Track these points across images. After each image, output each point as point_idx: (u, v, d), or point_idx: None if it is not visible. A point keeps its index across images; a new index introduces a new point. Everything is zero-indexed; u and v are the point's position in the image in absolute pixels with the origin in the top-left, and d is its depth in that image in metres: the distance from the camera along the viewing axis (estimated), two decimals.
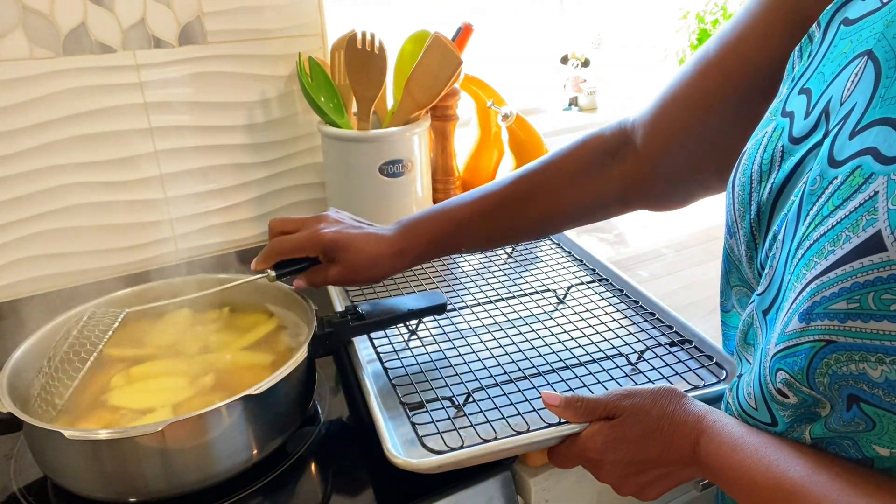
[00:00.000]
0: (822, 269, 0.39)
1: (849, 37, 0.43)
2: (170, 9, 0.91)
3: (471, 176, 1.17)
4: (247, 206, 1.05)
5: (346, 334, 0.66)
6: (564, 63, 1.39)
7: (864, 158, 0.38)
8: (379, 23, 0.98)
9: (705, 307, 0.83)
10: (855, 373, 0.38)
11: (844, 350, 0.38)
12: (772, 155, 0.46)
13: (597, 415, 0.53)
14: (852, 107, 0.40)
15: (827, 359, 0.39)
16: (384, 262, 0.67)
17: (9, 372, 0.57)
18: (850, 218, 0.38)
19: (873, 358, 0.37)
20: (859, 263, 0.37)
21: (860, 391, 0.38)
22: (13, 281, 0.92)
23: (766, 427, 0.46)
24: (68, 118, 0.89)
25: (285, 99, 1.02)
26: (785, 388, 0.42)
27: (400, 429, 0.58)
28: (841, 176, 0.39)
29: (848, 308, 0.37)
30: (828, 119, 0.42)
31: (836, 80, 0.43)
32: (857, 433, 0.40)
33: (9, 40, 0.83)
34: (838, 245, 0.38)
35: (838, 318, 0.38)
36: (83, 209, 0.93)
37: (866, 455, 0.41)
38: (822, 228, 0.39)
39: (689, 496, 0.72)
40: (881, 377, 0.37)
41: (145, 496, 0.54)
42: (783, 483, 0.41)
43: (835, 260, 0.38)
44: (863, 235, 0.37)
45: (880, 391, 0.37)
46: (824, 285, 0.38)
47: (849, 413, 0.40)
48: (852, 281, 0.37)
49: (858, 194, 0.38)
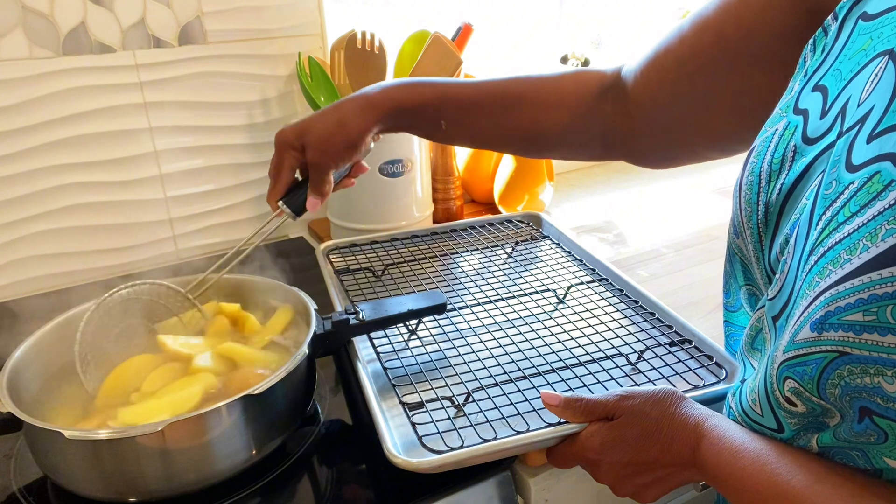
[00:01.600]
0: (837, 279, 0.37)
1: (868, 33, 0.42)
2: (169, 8, 0.91)
3: (470, 176, 1.17)
4: (246, 206, 1.05)
5: (346, 334, 0.66)
6: (564, 63, 1.38)
7: (883, 164, 0.36)
8: (379, 23, 0.98)
9: (705, 307, 0.83)
10: (869, 386, 0.37)
11: (859, 363, 0.36)
12: (783, 154, 0.45)
13: (596, 415, 0.53)
14: (870, 108, 0.38)
15: (840, 370, 0.38)
16: (351, 119, 0.63)
17: (9, 372, 0.57)
18: (869, 226, 0.36)
19: (889, 372, 0.35)
20: (878, 275, 0.35)
21: (874, 404, 0.37)
22: (13, 281, 0.92)
23: (772, 433, 0.45)
24: (68, 118, 0.89)
25: (285, 99, 1.02)
26: (793, 397, 0.41)
27: (400, 429, 0.58)
28: (858, 181, 0.37)
29: (864, 320, 0.36)
30: (843, 120, 0.41)
31: (854, 79, 0.41)
32: (867, 444, 0.39)
33: (9, 40, 0.83)
34: (855, 254, 0.36)
35: (853, 330, 0.36)
36: (83, 209, 0.93)
37: (876, 466, 0.40)
38: (837, 235, 0.38)
39: (688, 496, 0.72)
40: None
41: (145, 496, 0.54)
42: (787, 492, 0.40)
43: (851, 270, 0.36)
44: (882, 245, 0.35)
45: (893, 405, 0.36)
46: (839, 295, 0.37)
47: (860, 425, 0.39)
48: (869, 293, 0.35)
49: (878, 202, 0.36)
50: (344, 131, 0.64)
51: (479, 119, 0.68)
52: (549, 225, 0.98)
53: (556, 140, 0.69)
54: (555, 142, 0.69)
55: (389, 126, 0.67)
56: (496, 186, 1.11)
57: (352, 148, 0.65)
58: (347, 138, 0.64)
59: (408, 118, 0.67)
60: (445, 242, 0.94)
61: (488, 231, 0.98)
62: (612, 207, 1.17)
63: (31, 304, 0.90)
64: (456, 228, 0.97)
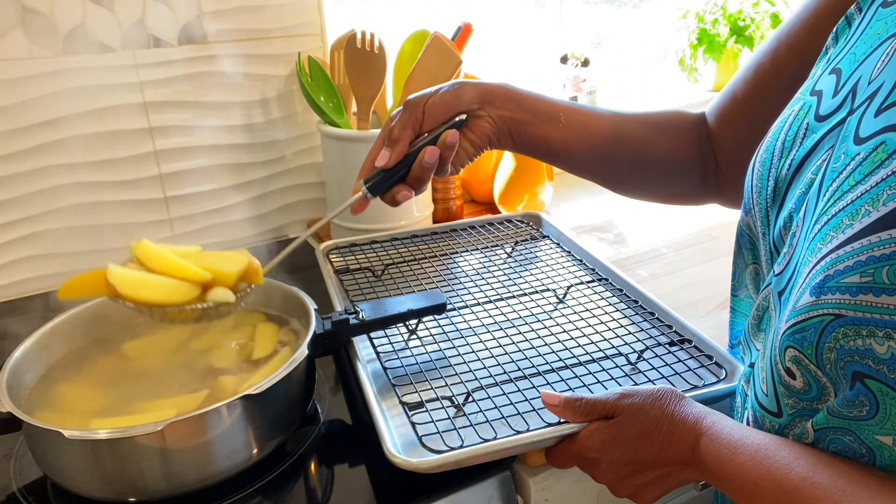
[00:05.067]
0: (838, 243, 0.38)
1: (885, 18, 0.43)
2: (169, 8, 0.91)
3: (470, 176, 1.17)
4: (246, 206, 1.05)
5: (346, 334, 0.66)
6: (564, 63, 1.38)
7: (888, 135, 0.38)
8: (379, 22, 0.98)
9: (705, 307, 0.83)
10: (861, 348, 0.37)
11: (853, 325, 0.37)
12: (796, 132, 0.46)
13: (596, 414, 0.53)
14: (880, 85, 0.40)
15: (835, 333, 0.38)
16: (468, 89, 0.63)
17: (9, 372, 0.57)
18: (871, 192, 0.37)
19: (881, 333, 0.36)
20: (877, 237, 0.36)
21: (865, 367, 0.38)
22: (13, 281, 0.92)
23: (773, 418, 0.45)
24: (68, 118, 0.89)
25: (285, 98, 1.02)
26: (793, 367, 0.42)
27: (399, 428, 0.58)
28: (864, 152, 0.39)
29: (861, 282, 0.37)
30: (854, 98, 0.42)
31: (867, 59, 0.43)
32: (859, 421, 0.40)
33: (8, 40, 0.83)
34: (857, 219, 0.37)
35: (850, 292, 0.37)
36: (83, 209, 0.93)
37: (869, 446, 0.40)
38: (841, 203, 0.39)
39: (688, 496, 0.72)
40: (887, 353, 0.36)
41: (145, 496, 0.54)
42: (784, 484, 0.41)
43: (852, 234, 0.37)
44: (883, 210, 0.36)
45: (885, 367, 0.37)
46: (839, 259, 0.38)
47: (852, 391, 0.39)
48: (868, 255, 0.36)
49: (881, 169, 0.37)
50: (456, 96, 0.63)
51: (593, 148, 0.67)
52: (549, 225, 0.98)
53: (657, 169, 0.69)
54: (657, 171, 0.70)
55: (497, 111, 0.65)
56: (496, 186, 1.11)
57: (454, 99, 0.64)
58: (457, 103, 0.63)
59: (518, 115, 0.65)
60: (445, 242, 0.94)
61: (488, 231, 0.98)
62: (612, 207, 1.17)
63: (31, 304, 0.90)
64: (456, 228, 0.97)
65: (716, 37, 1.45)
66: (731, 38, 1.45)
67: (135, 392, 0.61)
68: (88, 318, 0.67)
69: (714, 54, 1.46)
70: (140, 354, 0.67)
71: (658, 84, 1.57)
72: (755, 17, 1.46)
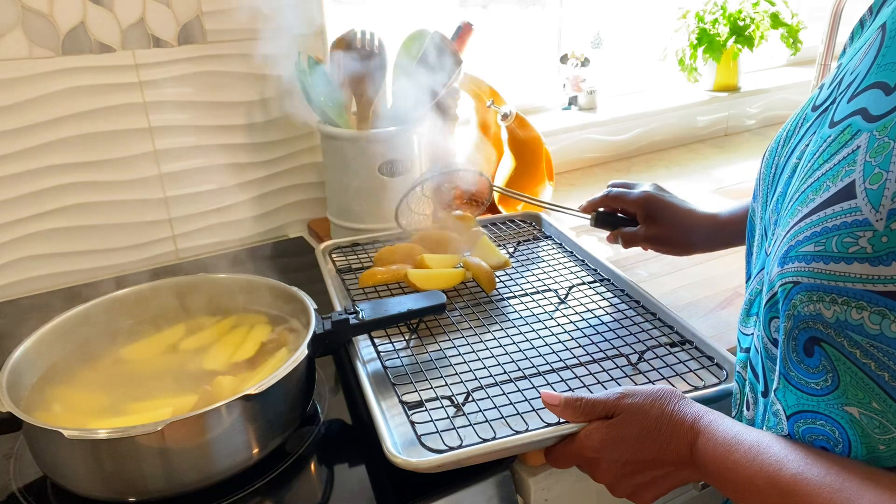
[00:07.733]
0: (801, 216, 0.41)
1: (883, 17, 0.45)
2: (169, 8, 0.91)
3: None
4: (246, 206, 1.05)
5: (346, 334, 0.66)
6: (564, 62, 1.38)
7: (854, 118, 0.41)
8: (379, 22, 0.98)
9: (705, 307, 0.83)
10: (812, 313, 0.40)
11: (806, 291, 0.40)
12: (797, 122, 0.49)
13: (595, 414, 0.53)
14: (857, 74, 0.43)
15: (794, 299, 0.41)
16: (701, 227, 0.75)
17: (9, 372, 0.57)
18: (834, 170, 0.40)
19: (828, 298, 0.39)
20: (831, 210, 0.39)
21: (818, 332, 0.40)
22: (13, 281, 0.92)
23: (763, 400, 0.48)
24: (68, 118, 0.89)
25: (285, 98, 1.02)
26: (776, 334, 0.44)
27: (399, 428, 0.58)
28: (834, 134, 0.42)
29: (815, 250, 0.40)
30: (839, 87, 0.45)
31: (857, 53, 0.45)
32: (826, 395, 0.41)
33: (8, 40, 0.83)
34: (819, 193, 0.41)
35: (805, 261, 0.40)
36: (83, 209, 0.93)
37: (841, 425, 0.41)
38: (809, 180, 0.42)
39: (688, 496, 0.72)
40: (833, 317, 0.39)
41: (145, 496, 0.54)
42: (778, 480, 0.41)
43: (813, 207, 0.41)
44: (840, 185, 0.39)
45: (832, 331, 0.39)
46: (800, 230, 0.41)
47: (812, 358, 0.41)
48: (822, 226, 0.39)
49: (844, 149, 0.40)
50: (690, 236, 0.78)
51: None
52: (550, 225, 0.98)
53: None
54: None
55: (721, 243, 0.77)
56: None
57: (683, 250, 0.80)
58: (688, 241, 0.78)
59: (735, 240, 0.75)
60: None
61: (490, 231, 0.98)
62: None
63: (31, 303, 0.90)
64: None
65: (716, 37, 1.45)
66: (731, 38, 1.45)
67: (134, 392, 0.61)
68: (88, 319, 0.67)
69: (714, 54, 1.45)
70: (138, 355, 0.67)
71: (658, 84, 1.57)
72: (755, 16, 1.46)
